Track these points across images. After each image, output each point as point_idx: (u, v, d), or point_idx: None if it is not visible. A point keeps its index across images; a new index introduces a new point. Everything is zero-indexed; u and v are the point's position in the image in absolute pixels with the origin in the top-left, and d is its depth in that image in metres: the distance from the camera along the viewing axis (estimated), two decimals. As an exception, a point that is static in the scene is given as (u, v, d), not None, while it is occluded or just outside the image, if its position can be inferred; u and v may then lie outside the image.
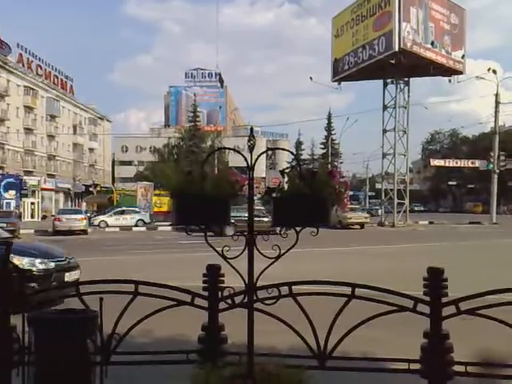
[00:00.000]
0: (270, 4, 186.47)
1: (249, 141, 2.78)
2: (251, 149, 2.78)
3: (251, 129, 2.87)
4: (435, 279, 3.30)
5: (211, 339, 3.43)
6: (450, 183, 76.63)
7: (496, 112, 37.77)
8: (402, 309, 3.38)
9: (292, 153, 4.22)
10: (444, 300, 3.29)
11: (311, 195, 2.66)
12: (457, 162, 58.71)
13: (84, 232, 29.75)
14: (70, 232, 28.73)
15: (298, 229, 2.80)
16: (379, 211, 45.04)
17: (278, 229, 2.85)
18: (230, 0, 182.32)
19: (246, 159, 2.75)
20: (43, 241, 25.26)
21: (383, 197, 40.23)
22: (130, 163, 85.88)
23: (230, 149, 3.43)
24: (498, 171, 37.71)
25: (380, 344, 4.51)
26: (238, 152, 3.01)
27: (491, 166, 38.19)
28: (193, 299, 3.51)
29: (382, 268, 11.83)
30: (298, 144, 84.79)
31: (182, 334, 4.80)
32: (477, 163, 50.29)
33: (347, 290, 3.42)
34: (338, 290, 3.50)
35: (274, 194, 2.84)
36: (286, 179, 3.04)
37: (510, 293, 3.21)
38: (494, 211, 38.22)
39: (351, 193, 68.42)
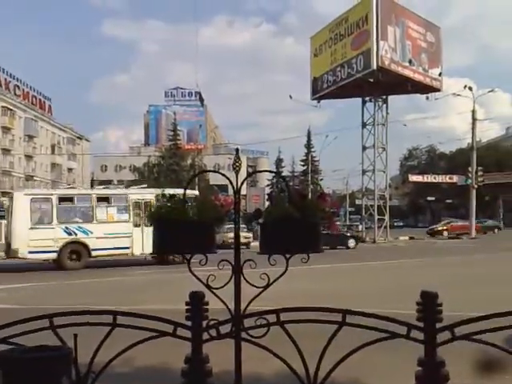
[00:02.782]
0: (248, 24, 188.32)
1: (234, 163, 2.63)
2: (237, 171, 2.63)
3: (237, 150, 2.73)
4: (429, 304, 3.16)
5: (195, 372, 3.23)
6: (429, 198, 77.37)
7: (473, 128, 38.33)
8: (395, 335, 3.23)
9: (281, 176, 4.10)
10: (438, 325, 3.15)
11: (302, 220, 2.52)
12: (435, 178, 59.43)
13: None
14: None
15: (287, 256, 2.65)
16: (359, 227, 45.17)
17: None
18: (207, 21, 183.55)
19: (231, 182, 2.61)
20: (19, 263, 24.73)
21: (364, 213, 40.38)
22: (109, 182, 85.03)
23: (214, 171, 3.27)
24: (476, 186, 38.15)
25: (374, 371, 4.36)
26: (223, 175, 2.85)
27: (469, 181, 38.64)
28: (175, 330, 3.31)
29: (373, 286, 11.73)
30: (279, 161, 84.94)
31: (164, 366, 4.58)
32: (455, 178, 50.92)
33: (338, 316, 3.26)
34: (328, 316, 3.34)
35: (260, 220, 2.69)
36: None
37: (507, 316, 3.08)
38: (473, 226, 38.56)
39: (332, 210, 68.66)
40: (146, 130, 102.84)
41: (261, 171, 4.22)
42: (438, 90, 41.62)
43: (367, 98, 40.36)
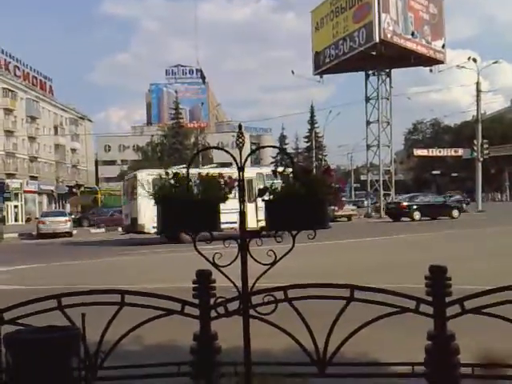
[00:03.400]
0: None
1: (238, 138, 2.58)
2: (240, 147, 2.58)
3: (239, 126, 2.67)
4: (438, 278, 3.14)
5: (204, 350, 3.23)
6: (434, 172, 77.04)
7: (478, 100, 37.92)
8: (404, 310, 3.22)
9: (285, 152, 4.00)
10: (448, 299, 3.13)
11: (307, 196, 2.48)
12: (440, 152, 59.08)
13: (69, 234, 29.35)
14: (55, 235, 28.33)
15: (293, 233, 2.62)
16: (365, 203, 45.12)
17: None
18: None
19: (235, 159, 2.56)
20: (28, 244, 24.89)
21: (369, 188, 40.29)
22: (113, 162, 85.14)
23: (217, 148, 3.23)
24: (481, 159, 37.91)
25: (382, 346, 4.35)
26: (226, 151, 2.81)
27: (475, 154, 38.39)
28: (183, 308, 3.31)
29: (380, 261, 11.70)
30: (282, 138, 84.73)
31: (172, 344, 4.59)
32: (460, 152, 50.60)
33: (346, 292, 3.24)
34: (336, 291, 3.32)
35: (266, 196, 2.65)
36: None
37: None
38: (479, 199, 38.44)
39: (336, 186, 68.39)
40: (148, 109, 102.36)
41: (265, 147, 4.18)
42: (441, 62, 41.09)
43: (370, 72, 39.90)
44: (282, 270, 3.72)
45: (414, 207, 30.39)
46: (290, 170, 2.65)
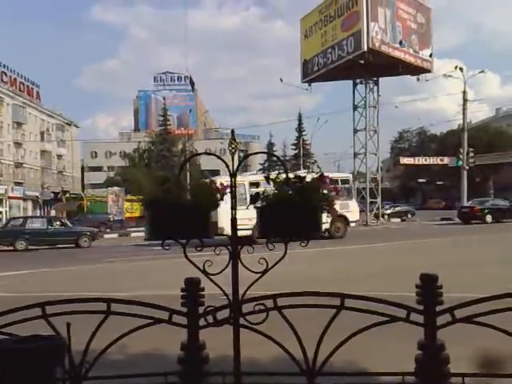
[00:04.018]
0: (237, 7, 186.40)
1: (230, 144, 2.54)
2: (233, 153, 2.54)
3: (232, 132, 2.63)
4: (429, 287, 3.11)
5: (192, 360, 3.17)
6: (420, 180, 77.54)
7: (464, 109, 38.30)
8: (395, 319, 3.18)
9: (279, 158, 3.96)
10: (438, 308, 3.10)
11: (300, 203, 2.44)
12: (426, 160, 59.54)
13: (54, 241, 28.95)
14: (40, 241, 27.95)
15: (286, 240, 2.58)
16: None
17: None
18: (196, 4, 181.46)
19: (227, 165, 2.52)
20: (11, 251, 24.54)
21: (356, 196, 40.42)
22: (99, 169, 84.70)
23: (209, 154, 3.19)
24: (467, 167, 38.23)
25: (372, 355, 4.32)
26: (219, 157, 2.77)
27: (460, 162, 38.70)
28: (170, 317, 3.25)
29: (371, 268, 11.71)
30: (270, 145, 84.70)
31: (159, 353, 4.52)
32: (445, 160, 51.02)
33: (337, 300, 3.20)
34: (326, 300, 3.28)
35: (259, 203, 2.61)
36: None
37: (508, 298, 3.04)
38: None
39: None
40: (135, 116, 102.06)
41: (257, 153, 4.14)
42: (428, 71, 41.44)
43: (358, 81, 40.14)
44: (272, 278, 3.68)
45: (486, 211, 32.17)
46: (283, 176, 2.61)
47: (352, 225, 24.97)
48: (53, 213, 57.34)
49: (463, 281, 8.38)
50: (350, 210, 24.60)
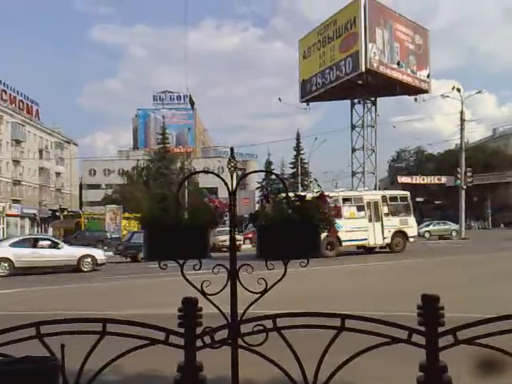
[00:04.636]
0: (236, 28, 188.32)
1: (229, 163, 2.51)
2: (232, 171, 2.51)
3: (231, 150, 2.61)
4: (430, 308, 3.05)
5: (188, 382, 3.10)
6: (418, 200, 77.57)
7: (461, 129, 38.48)
8: (396, 340, 3.13)
9: (279, 177, 3.95)
10: (441, 329, 3.04)
11: (301, 222, 2.40)
12: (423, 179, 59.66)
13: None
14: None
15: (285, 260, 2.54)
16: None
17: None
18: (195, 24, 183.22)
19: (226, 183, 2.49)
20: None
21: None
22: (98, 186, 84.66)
23: (207, 172, 3.15)
24: (465, 187, 38.29)
25: (373, 377, 4.24)
26: (218, 176, 2.73)
27: (458, 182, 38.78)
28: (167, 337, 3.18)
29: (373, 288, 11.64)
30: (268, 164, 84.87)
31: (155, 375, 4.43)
32: (443, 180, 51.15)
33: (337, 321, 3.15)
34: (327, 320, 3.23)
35: (258, 222, 2.57)
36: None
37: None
38: (463, 226, 38.70)
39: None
40: (134, 134, 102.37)
41: (256, 171, 4.13)
42: (426, 91, 41.80)
43: (356, 101, 40.47)
44: (274, 297, 3.63)
45: None
46: (283, 195, 2.58)
47: (411, 240, 25.68)
48: (50, 230, 57.13)
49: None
50: (409, 225, 25.63)
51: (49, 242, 21.45)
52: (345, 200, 24.93)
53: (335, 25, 40.33)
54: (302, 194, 2.51)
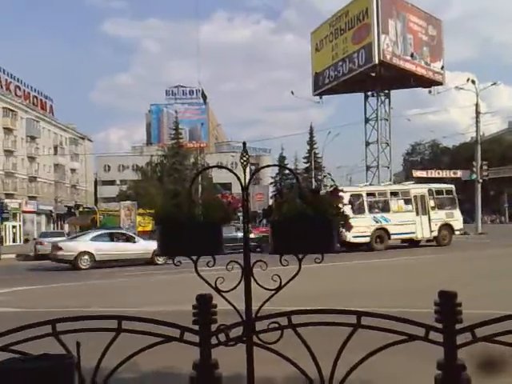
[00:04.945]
0: (247, 20, 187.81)
1: (242, 157, 2.48)
2: (245, 166, 2.48)
3: (244, 144, 2.57)
4: (448, 305, 3.00)
5: (204, 379, 3.08)
6: (433, 194, 76.96)
7: (477, 122, 38.04)
8: (413, 338, 3.08)
9: (292, 172, 3.90)
10: (458, 326, 2.99)
11: (315, 217, 2.36)
12: (439, 173, 59.10)
13: (67, 255, 29.06)
14: (53, 255, 28.06)
15: (300, 256, 2.50)
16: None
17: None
18: (207, 17, 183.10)
19: (238, 178, 2.46)
20: (25, 265, 24.64)
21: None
22: (112, 182, 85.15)
23: (220, 167, 3.13)
24: (481, 181, 37.88)
25: (390, 374, 4.20)
26: (230, 171, 2.71)
27: (474, 176, 38.37)
28: (182, 334, 3.17)
29: (388, 284, 11.57)
30: (281, 159, 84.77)
31: (171, 372, 4.44)
32: (459, 173, 50.67)
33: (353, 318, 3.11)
34: (343, 317, 3.19)
35: (271, 217, 2.53)
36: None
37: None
38: (479, 221, 38.32)
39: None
40: (148, 130, 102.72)
41: (269, 166, 4.08)
42: (440, 83, 41.39)
43: (369, 93, 40.21)
44: (289, 293, 3.61)
45: None
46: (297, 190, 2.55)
47: (457, 233, 26.08)
48: (66, 227, 57.61)
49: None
50: (455, 218, 25.92)
51: (125, 236, 22.47)
52: (392, 194, 25.37)
53: (347, 16, 40.04)
54: (316, 189, 2.47)
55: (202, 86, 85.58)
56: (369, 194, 25.02)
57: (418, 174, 60.84)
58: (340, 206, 2.53)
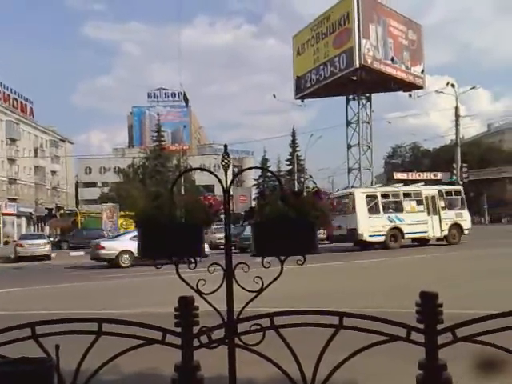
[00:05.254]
0: (229, 24, 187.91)
1: (223, 160, 2.48)
2: (226, 168, 2.48)
3: (225, 146, 2.57)
4: (429, 305, 3.02)
5: (185, 381, 3.07)
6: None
7: (456, 125, 38.53)
8: (395, 338, 3.10)
9: (274, 174, 3.91)
10: (439, 326, 3.01)
11: (297, 219, 2.37)
12: (419, 175, 59.55)
13: (47, 257, 28.80)
14: (33, 258, 27.77)
15: (282, 258, 2.50)
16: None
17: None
18: (189, 21, 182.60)
19: (220, 180, 2.45)
20: (5, 267, 24.28)
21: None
22: (93, 185, 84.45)
23: (202, 169, 3.11)
24: (461, 183, 38.34)
25: (372, 375, 4.22)
26: (212, 173, 2.70)
27: (454, 177, 38.84)
28: (164, 336, 3.15)
29: (375, 284, 11.64)
30: (264, 161, 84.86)
31: (152, 374, 4.40)
32: (439, 175, 51.16)
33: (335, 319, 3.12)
34: (325, 318, 3.20)
35: (253, 219, 2.53)
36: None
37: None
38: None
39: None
40: (129, 132, 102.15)
41: (251, 168, 4.07)
42: (420, 87, 41.83)
43: (351, 97, 40.48)
44: (271, 294, 3.61)
45: None
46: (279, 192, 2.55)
47: (465, 232, 26.67)
48: (47, 229, 56.96)
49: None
50: (464, 218, 26.78)
51: None
52: (405, 195, 26.20)
53: (328, 21, 40.25)
54: (298, 190, 2.48)
55: (183, 88, 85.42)
56: (383, 195, 25.88)
57: (399, 176, 61.27)
58: (322, 208, 2.53)
